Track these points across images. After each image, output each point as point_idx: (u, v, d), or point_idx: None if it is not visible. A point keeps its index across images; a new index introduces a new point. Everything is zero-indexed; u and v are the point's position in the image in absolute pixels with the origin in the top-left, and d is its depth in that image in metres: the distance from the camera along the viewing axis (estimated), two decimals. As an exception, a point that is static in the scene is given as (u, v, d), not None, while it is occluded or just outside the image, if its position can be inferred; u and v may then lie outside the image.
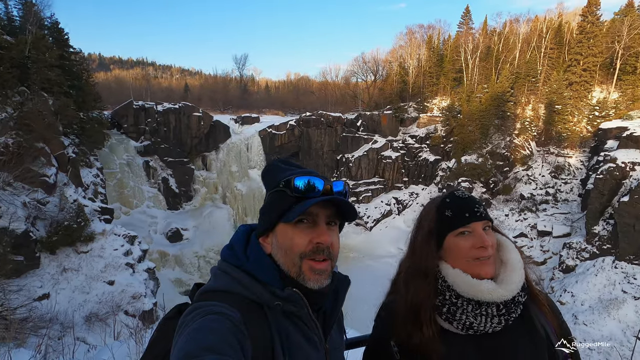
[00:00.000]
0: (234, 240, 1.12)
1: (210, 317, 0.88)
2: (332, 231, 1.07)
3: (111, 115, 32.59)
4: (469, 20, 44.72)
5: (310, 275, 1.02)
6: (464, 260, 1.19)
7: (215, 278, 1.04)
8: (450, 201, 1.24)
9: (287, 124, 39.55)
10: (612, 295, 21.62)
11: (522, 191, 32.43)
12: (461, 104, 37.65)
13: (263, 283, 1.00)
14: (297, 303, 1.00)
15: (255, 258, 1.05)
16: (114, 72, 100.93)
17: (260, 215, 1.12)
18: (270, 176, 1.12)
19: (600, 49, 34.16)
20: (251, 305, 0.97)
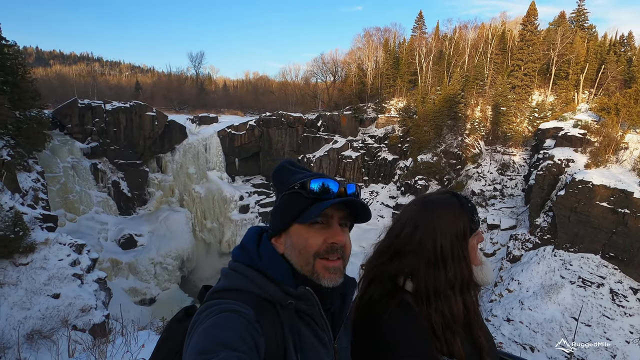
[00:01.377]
0: (245, 241, 1.14)
1: (225, 315, 0.89)
2: (344, 232, 1.11)
3: (53, 115, 30.01)
4: (422, 25, 46.75)
5: (324, 274, 1.05)
6: (475, 256, 1.29)
7: (227, 278, 1.06)
8: (471, 206, 1.30)
9: (246, 124, 38.89)
10: (552, 281, 23.68)
11: (473, 187, 34.48)
12: (416, 105, 39.23)
13: (276, 282, 1.02)
14: (309, 301, 1.02)
15: (269, 257, 1.07)
16: (54, 67, 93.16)
17: (272, 217, 1.14)
18: (281, 178, 1.15)
19: (538, 55, 37.25)
20: (264, 304, 0.99)
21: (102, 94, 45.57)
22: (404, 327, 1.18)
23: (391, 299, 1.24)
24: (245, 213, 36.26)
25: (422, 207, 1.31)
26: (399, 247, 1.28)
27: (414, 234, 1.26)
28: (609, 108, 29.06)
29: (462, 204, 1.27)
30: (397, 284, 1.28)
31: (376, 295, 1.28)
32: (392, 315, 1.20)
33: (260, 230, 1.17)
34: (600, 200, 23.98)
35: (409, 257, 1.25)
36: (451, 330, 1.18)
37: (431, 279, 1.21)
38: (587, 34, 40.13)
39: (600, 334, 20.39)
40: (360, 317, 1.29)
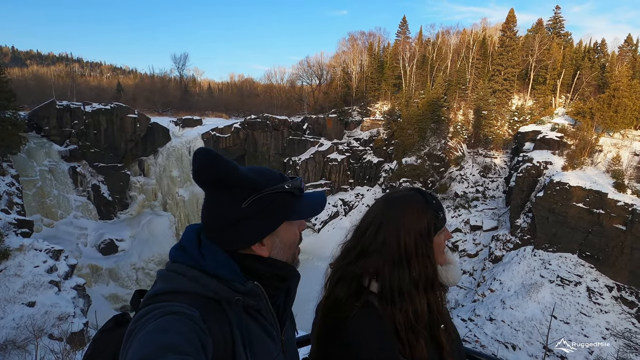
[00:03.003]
0: (184, 240, 1.08)
1: (168, 318, 0.85)
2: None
3: (29, 116, 29.05)
4: (406, 29, 47.46)
5: (299, 260, 1.16)
6: (441, 254, 1.28)
7: (166, 280, 1.00)
8: (437, 202, 1.29)
9: (231, 127, 38.57)
10: (532, 280, 24.30)
11: (456, 190, 35.11)
12: (401, 108, 39.75)
13: (221, 279, 0.99)
14: (257, 296, 1.02)
15: (212, 255, 1.02)
16: (31, 68, 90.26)
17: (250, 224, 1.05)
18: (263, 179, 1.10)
19: (517, 61, 38.36)
20: (210, 303, 0.96)
21: (82, 95, 44.42)
22: (367, 329, 1.16)
23: (356, 300, 1.21)
24: (230, 216, 35.87)
25: (386, 204, 1.29)
26: (364, 246, 1.26)
27: (379, 232, 1.24)
28: (584, 112, 30.14)
29: (427, 201, 1.25)
30: (362, 285, 1.25)
31: (342, 296, 1.24)
32: (356, 317, 1.17)
33: (198, 228, 1.11)
34: (577, 201, 24.80)
35: (373, 256, 1.23)
36: (414, 331, 1.17)
37: (395, 278, 1.19)
38: (563, 41, 41.59)
39: (578, 331, 21.02)
40: (326, 319, 1.26)
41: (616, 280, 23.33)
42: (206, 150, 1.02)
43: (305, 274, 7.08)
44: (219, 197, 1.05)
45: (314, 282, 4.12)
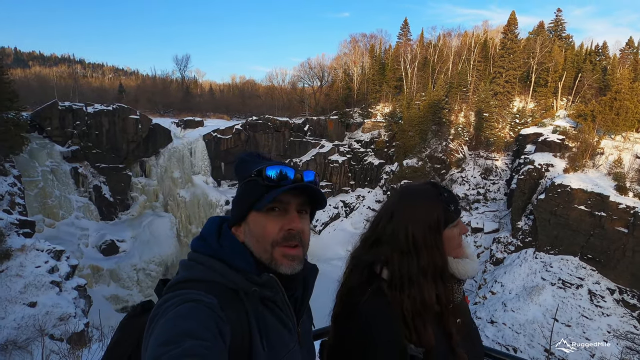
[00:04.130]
0: (205, 231, 1.12)
1: (187, 305, 0.88)
2: (303, 218, 1.11)
3: (31, 117, 29.13)
4: (407, 32, 47.53)
5: (282, 261, 1.06)
6: (452, 249, 1.30)
7: (187, 269, 1.04)
8: (449, 196, 1.32)
9: (233, 128, 38.61)
10: (534, 283, 24.23)
11: (457, 192, 35.05)
12: (402, 110, 39.77)
13: (239, 270, 1.02)
14: (273, 288, 1.03)
15: (230, 246, 1.06)
16: (33, 69, 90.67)
17: (232, 206, 1.15)
18: (242, 168, 1.15)
19: (518, 63, 38.37)
20: (228, 292, 0.98)
21: (84, 96, 44.57)
22: (376, 313, 1.22)
23: (368, 287, 1.27)
24: (231, 218, 35.89)
25: (399, 197, 1.37)
26: (378, 235, 1.34)
27: (389, 223, 1.31)
28: (586, 115, 30.11)
29: (439, 194, 1.30)
30: (374, 272, 1.31)
31: (355, 283, 1.31)
32: (367, 301, 1.24)
33: (220, 220, 1.16)
34: (578, 203, 24.74)
35: (384, 245, 1.29)
36: (422, 318, 1.21)
37: (404, 266, 1.24)
38: (564, 44, 41.62)
39: (579, 334, 20.94)
40: (341, 304, 1.34)
41: (618, 283, 23.23)
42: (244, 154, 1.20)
43: (307, 275, 6.86)
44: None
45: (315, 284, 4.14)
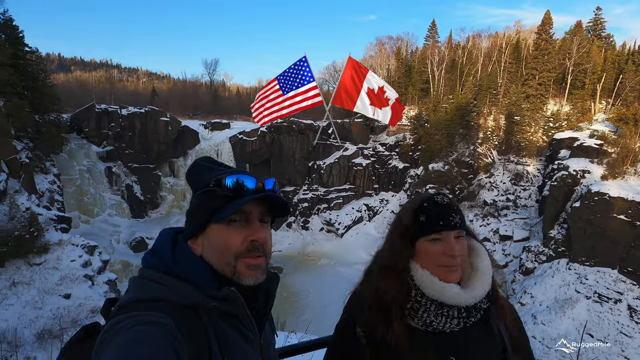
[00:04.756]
0: (159, 245, 1.05)
1: (139, 328, 0.81)
2: (265, 228, 1.08)
3: (71, 119, 30.90)
4: (435, 34, 46.66)
5: (246, 272, 1.01)
6: (432, 265, 1.23)
7: (138, 287, 0.96)
8: (427, 206, 1.26)
9: (258, 131, 39.21)
10: (567, 295, 22.97)
11: (485, 197, 33.92)
12: (428, 113, 39.00)
13: (196, 286, 0.96)
14: (234, 302, 0.98)
15: (187, 261, 1.00)
16: (75, 73, 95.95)
17: (187, 217, 1.08)
18: (196, 176, 1.09)
19: (553, 64, 36.71)
20: (184, 310, 0.92)
21: (120, 99, 46.72)
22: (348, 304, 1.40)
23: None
24: (254, 219, 36.41)
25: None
26: None
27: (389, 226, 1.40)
28: (627, 118, 28.32)
29: (420, 204, 1.29)
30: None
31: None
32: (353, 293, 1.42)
33: (175, 232, 1.09)
34: (618, 212, 23.26)
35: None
36: (381, 311, 1.26)
37: (373, 262, 1.38)
38: (604, 44, 39.41)
39: (617, 352, 19.63)
40: None
41: (662, 300, 21.62)
42: (198, 159, 1.13)
43: (327, 279, 7.18)
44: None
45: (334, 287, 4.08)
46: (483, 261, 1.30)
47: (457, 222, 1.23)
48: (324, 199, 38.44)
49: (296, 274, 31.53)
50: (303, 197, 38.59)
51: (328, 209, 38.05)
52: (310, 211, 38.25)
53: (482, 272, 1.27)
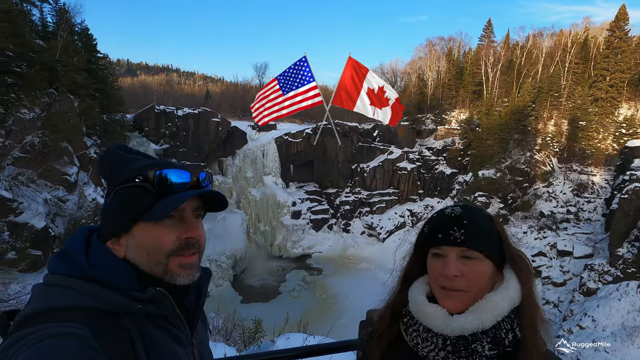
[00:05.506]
0: (69, 247, 0.93)
1: (48, 343, 0.70)
2: (199, 223, 1.02)
3: (133, 119, 33.61)
4: (490, 33, 44.25)
5: (179, 271, 0.95)
6: (434, 283, 1.08)
7: (45, 296, 0.84)
8: (434, 217, 1.13)
9: (303, 132, 39.80)
10: (637, 322, 20.50)
11: (542, 208, 31.41)
12: (480, 117, 37.05)
13: (117, 289, 0.87)
14: (161, 303, 0.91)
15: (105, 263, 0.90)
16: (140, 77, 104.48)
17: (106, 216, 0.97)
18: (114, 168, 0.97)
19: (628, 64, 33.10)
20: (103, 317, 0.83)
21: (177, 101, 50.01)
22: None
23: None
24: (297, 219, 36.94)
25: None
26: None
27: None
28: None
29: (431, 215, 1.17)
30: None
31: None
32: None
33: (88, 232, 0.98)
34: None
35: None
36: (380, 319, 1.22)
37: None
38: (693, 40, 34.82)
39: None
40: None
41: None
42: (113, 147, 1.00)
43: (366, 283, 7.04)
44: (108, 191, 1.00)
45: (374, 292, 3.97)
46: (499, 294, 1.02)
47: (457, 238, 1.03)
48: (366, 202, 38.01)
49: (335, 276, 31.47)
50: (345, 199, 38.46)
51: (370, 212, 37.55)
52: (352, 214, 38.02)
53: (486, 302, 1.01)
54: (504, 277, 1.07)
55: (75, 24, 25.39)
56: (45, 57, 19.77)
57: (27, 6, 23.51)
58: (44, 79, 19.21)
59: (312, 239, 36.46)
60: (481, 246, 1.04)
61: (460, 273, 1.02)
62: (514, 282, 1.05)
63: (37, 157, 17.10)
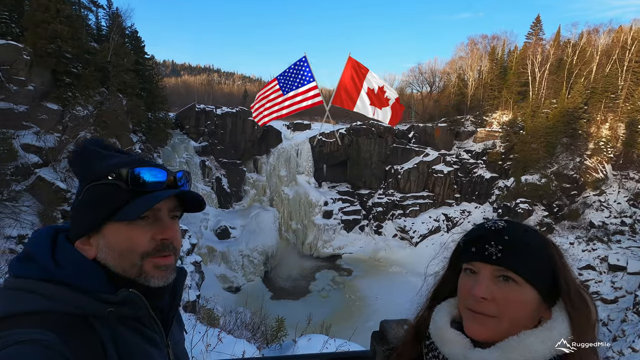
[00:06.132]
0: (33, 248, 0.88)
1: (14, 349, 0.67)
2: (175, 224, 0.97)
3: (175, 117, 35.23)
4: (539, 30, 41.73)
5: (154, 273, 0.91)
6: (461, 303, 0.95)
7: (9, 301, 0.80)
8: (473, 229, 1.00)
9: (337, 132, 39.76)
10: (701, 349, 18.47)
11: (592, 218, 29.18)
12: (525, 119, 35.07)
13: (85, 291, 0.84)
14: (135, 305, 0.88)
15: (73, 264, 0.86)
16: (183, 77, 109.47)
17: (76, 214, 0.92)
18: (86, 164, 0.93)
19: (699, 63, 29.93)
20: (72, 321, 0.80)
21: (216, 100, 51.94)
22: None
23: None
24: (328, 218, 36.97)
25: None
26: None
27: None
28: None
29: (471, 228, 1.02)
30: None
31: None
32: None
33: (55, 231, 0.93)
34: None
35: None
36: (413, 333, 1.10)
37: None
38: None
39: None
40: None
41: None
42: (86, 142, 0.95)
43: (397, 287, 6.86)
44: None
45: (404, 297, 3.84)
46: (537, 333, 0.84)
47: (493, 254, 0.88)
48: (399, 204, 37.25)
49: (365, 278, 31.13)
50: (378, 201, 37.94)
51: (403, 215, 36.75)
52: (384, 216, 37.43)
53: (519, 339, 0.83)
54: (552, 315, 0.88)
55: (125, 27, 27.04)
56: (98, 58, 21.21)
57: (84, 11, 25.37)
58: (97, 79, 20.62)
59: (343, 239, 36.34)
60: (522, 268, 0.86)
61: (492, 296, 0.86)
62: (563, 323, 0.85)
63: (88, 151, 18.37)
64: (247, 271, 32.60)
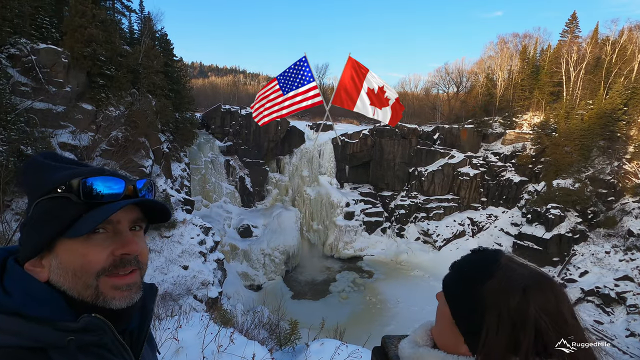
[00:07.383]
0: None
1: None
2: (138, 237, 0.90)
3: (202, 117, 36.15)
4: (575, 28, 39.83)
5: (113, 294, 0.83)
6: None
7: None
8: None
9: (360, 133, 39.50)
10: None
11: (630, 226, 27.47)
12: (558, 121, 33.53)
13: (41, 320, 0.75)
14: (98, 331, 0.80)
15: (24, 291, 0.78)
16: (210, 78, 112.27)
17: (25, 233, 0.84)
18: (35, 178, 0.84)
19: None
20: (26, 355, 0.72)
21: (242, 100, 52.86)
22: None
23: None
24: (350, 220, 36.78)
25: None
26: None
27: None
28: None
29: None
30: None
31: None
32: None
33: (4, 254, 0.85)
34: None
35: None
36: None
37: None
38: None
39: None
40: None
41: None
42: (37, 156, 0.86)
43: (418, 292, 6.72)
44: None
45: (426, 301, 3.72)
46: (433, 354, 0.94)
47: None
48: (422, 207, 36.54)
49: (387, 281, 30.74)
50: (400, 203, 37.37)
51: (426, 218, 36.01)
52: (406, 219, 36.82)
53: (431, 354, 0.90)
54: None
55: (156, 30, 28.01)
56: (130, 60, 22.09)
57: (118, 16, 26.49)
58: (128, 80, 21.47)
59: (364, 241, 36.04)
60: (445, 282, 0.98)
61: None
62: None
63: (119, 150, 19.16)
64: (268, 270, 32.93)
